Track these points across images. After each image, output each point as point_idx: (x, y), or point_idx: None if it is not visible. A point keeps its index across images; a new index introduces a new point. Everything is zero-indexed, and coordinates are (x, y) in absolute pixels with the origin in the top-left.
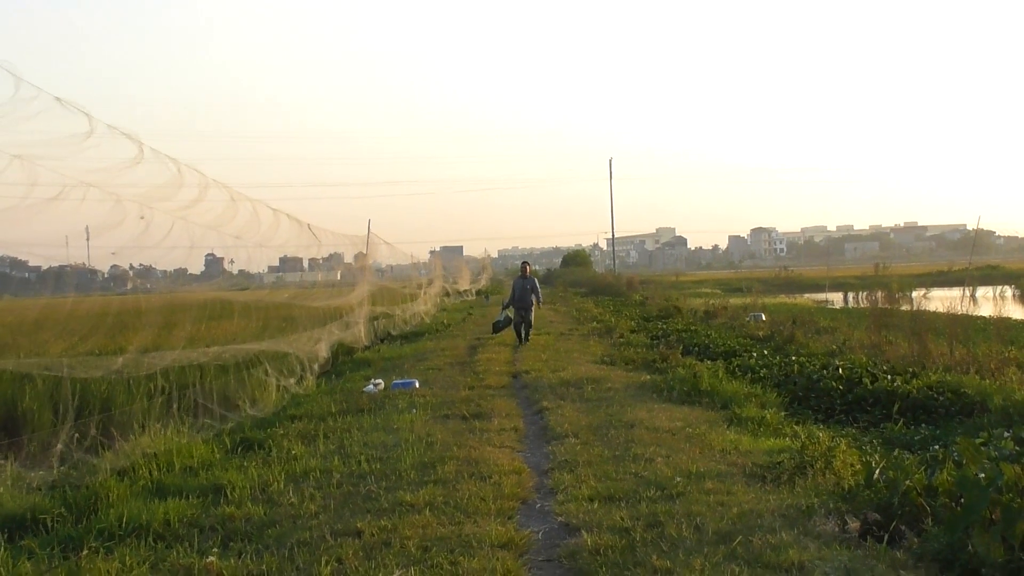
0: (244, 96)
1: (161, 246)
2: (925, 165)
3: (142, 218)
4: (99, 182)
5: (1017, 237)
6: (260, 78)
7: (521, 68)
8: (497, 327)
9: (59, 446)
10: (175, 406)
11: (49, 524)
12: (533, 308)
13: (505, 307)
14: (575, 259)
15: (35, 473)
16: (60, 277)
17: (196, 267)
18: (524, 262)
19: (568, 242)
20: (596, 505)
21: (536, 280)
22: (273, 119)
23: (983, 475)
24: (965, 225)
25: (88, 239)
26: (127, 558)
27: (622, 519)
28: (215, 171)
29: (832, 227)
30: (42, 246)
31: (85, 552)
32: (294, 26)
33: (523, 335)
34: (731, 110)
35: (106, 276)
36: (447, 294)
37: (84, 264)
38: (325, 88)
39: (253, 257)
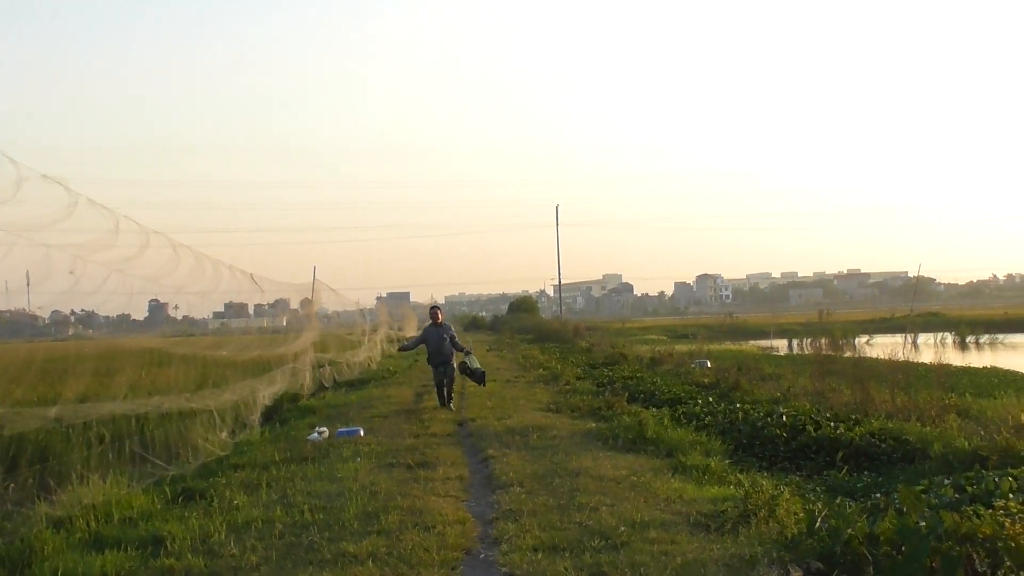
0: (183, 142)
1: (100, 292)
2: (867, 213)
3: (71, 272)
4: (29, 231)
5: (957, 284)
6: (204, 125)
7: (465, 114)
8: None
9: None
10: (115, 455)
11: None
12: (455, 359)
13: (402, 349)
14: (522, 305)
15: None
16: None
17: (140, 312)
18: (434, 306)
19: (515, 288)
20: (540, 555)
21: (452, 328)
22: (214, 166)
23: (923, 523)
24: (907, 272)
25: (28, 285)
26: None
27: (566, 570)
28: (152, 218)
29: (777, 274)
30: None
31: None
32: (237, 70)
33: (446, 397)
34: (676, 159)
35: (47, 322)
36: (393, 340)
37: (24, 309)
38: (266, 135)
39: (197, 304)
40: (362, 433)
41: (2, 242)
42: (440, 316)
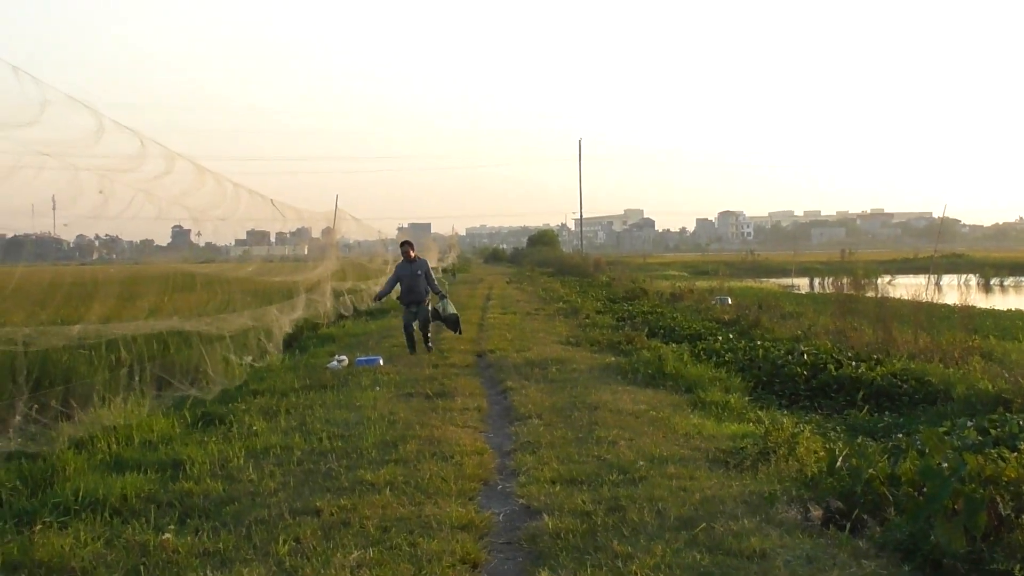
0: (211, 70)
1: (123, 217)
2: (893, 153)
3: (100, 192)
4: (58, 154)
5: (982, 226)
6: (228, 52)
7: (494, 49)
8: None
9: (16, 417)
10: (137, 379)
11: (3, 497)
12: (430, 302)
13: (378, 298)
14: (543, 239)
15: None
16: (24, 246)
17: (163, 238)
18: (405, 242)
19: (536, 221)
20: (558, 488)
21: (428, 263)
22: (240, 92)
23: (946, 465)
24: (931, 213)
25: (54, 209)
26: (81, 533)
27: (584, 503)
28: (178, 143)
29: (799, 212)
30: (6, 215)
31: (39, 526)
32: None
33: (422, 339)
34: (702, 94)
35: (71, 246)
36: None
37: (49, 233)
38: (296, 67)
39: (220, 230)
40: (381, 362)
41: (31, 164)
42: (412, 252)
